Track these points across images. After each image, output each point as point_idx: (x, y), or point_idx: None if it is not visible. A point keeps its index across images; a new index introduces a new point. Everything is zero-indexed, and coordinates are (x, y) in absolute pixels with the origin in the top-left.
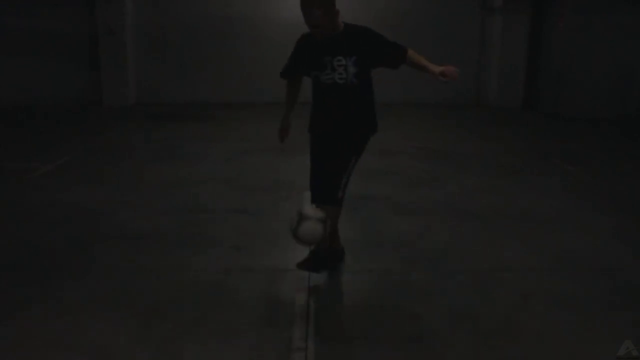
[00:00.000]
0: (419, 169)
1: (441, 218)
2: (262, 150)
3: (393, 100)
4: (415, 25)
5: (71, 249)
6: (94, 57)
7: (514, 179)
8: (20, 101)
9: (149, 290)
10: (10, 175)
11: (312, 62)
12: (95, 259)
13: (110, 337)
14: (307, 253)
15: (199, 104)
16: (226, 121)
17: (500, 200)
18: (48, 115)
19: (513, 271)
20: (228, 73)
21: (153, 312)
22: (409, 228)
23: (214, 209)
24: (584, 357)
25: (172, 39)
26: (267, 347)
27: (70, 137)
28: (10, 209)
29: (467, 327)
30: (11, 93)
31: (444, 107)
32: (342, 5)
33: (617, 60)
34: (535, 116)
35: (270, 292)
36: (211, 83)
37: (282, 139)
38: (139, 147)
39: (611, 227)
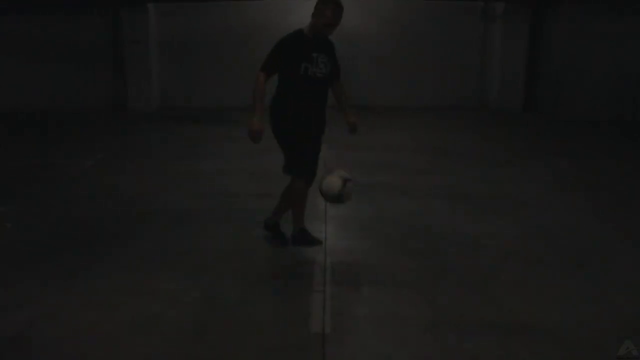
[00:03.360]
0: (420, 162)
1: (436, 200)
2: (278, 149)
3: (398, 103)
4: (419, 31)
5: (123, 222)
6: (120, 64)
7: (507, 171)
8: (50, 106)
9: (192, 252)
10: (54, 169)
11: (303, 56)
12: (144, 229)
13: (168, 284)
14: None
15: (218, 107)
16: (246, 123)
17: (491, 187)
18: (77, 119)
19: (495, 239)
20: (245, 78)
21: (199, 266)
22: (408, 207)
23: (240, 193)
24: (548, 301)
25: (193, 46)
26: (293, 290)
27: (102, 138)
28: (65, 195)
29: (453, 277)
30: (42, 99)
31: (447, 109)
32: (350, 14)
33: (616, 62)
34: (535, 117)
35: (294, 253)
36: (230, 88)
37: (258, 140)
38: (166, 145)
39: (588, 208)
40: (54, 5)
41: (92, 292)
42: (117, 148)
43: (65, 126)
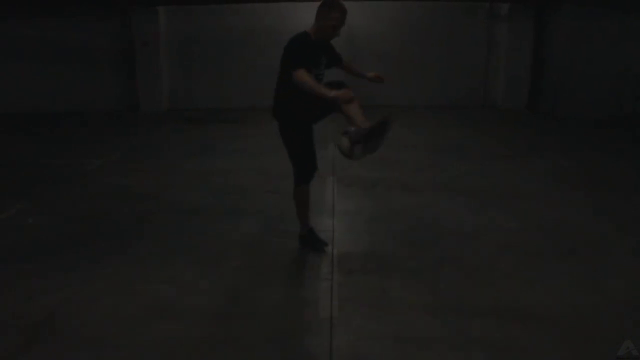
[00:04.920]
0: (425, 159)
1: (439, 194)
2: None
3: (403, 101)
4: (425, 33)
5: (139, 217)
6: (130, 67)
7: (508, 167)
8: (62, 108)
9: (206, 243)
10: (70, 168)
11: (312, 59)
12: (159, 223)
13: (184, 273)
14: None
15: (226, 108)
16: (252, 123)
17: (492, 182)
18: (89, 120)
19: (495, 230)
20: (252, 80)
21: (213, 257)
22: (412, 201)
23: (249, 190)
24: (544, 288)
25: (202, 49)
26: (303, 278)
27: (114, 139)
28: (79, 193)
29: (453, 266)
30: (54, 100)
31: (453, 109)
32: (357, 14)
33: (618, 62)
34: (538, 117)
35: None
36: (238, 89)
37: (349, 94)
38: (176, 145)
39: (587, 202)
40: (65, 9)
41: (113, 280)
42: (129, 148)
43: (78, 127)
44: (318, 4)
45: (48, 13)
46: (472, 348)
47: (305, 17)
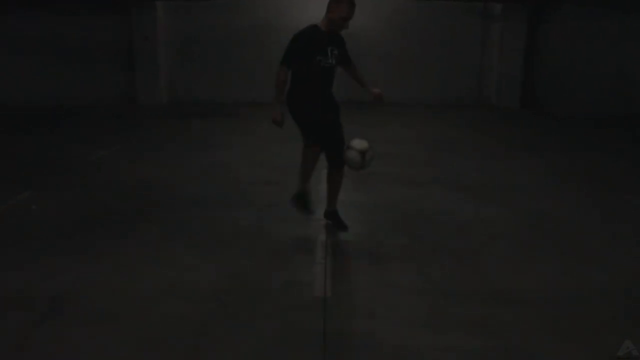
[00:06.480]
0: (420, 155)
1: (435, 188)
2: (284, 140)
3: (401, 100)
4: (421, 32)
5: (143, 206)
6: (130, 61)
7: (503, 163)
8: (63, 101)
9: (206, 232)
10: (72, 159)
11: (318, 50)
12: (163, 212)
13: (188, 256)
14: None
15: (225, 103)
16: (252, 117)
17: (487, 177)
18: (90, 113)
19: (488, 222)
20: (252, 75)
21: (215, 242)
22: (407, 195)
23: (249, 181)
24: (531, 274)
25: (201, 44)
26: (298, 262)
27: (116, 131)
28: (82, 184)
29: (446, 254)
30: (56, 94)
31: (448, 106)
32: (355, 14)
33: (611, 61)
34: (532, 115)
35: (298, 233)
36: (236, 84)
37: (281, 125)
38: (176, 138)
39: (579, 197)
40: (65, 6)
41: (120, 263)
42: (130, 140)
43: (77, 122)
44: None
45: (48, 10)
46: (459, 328)
47: (304, 13)
